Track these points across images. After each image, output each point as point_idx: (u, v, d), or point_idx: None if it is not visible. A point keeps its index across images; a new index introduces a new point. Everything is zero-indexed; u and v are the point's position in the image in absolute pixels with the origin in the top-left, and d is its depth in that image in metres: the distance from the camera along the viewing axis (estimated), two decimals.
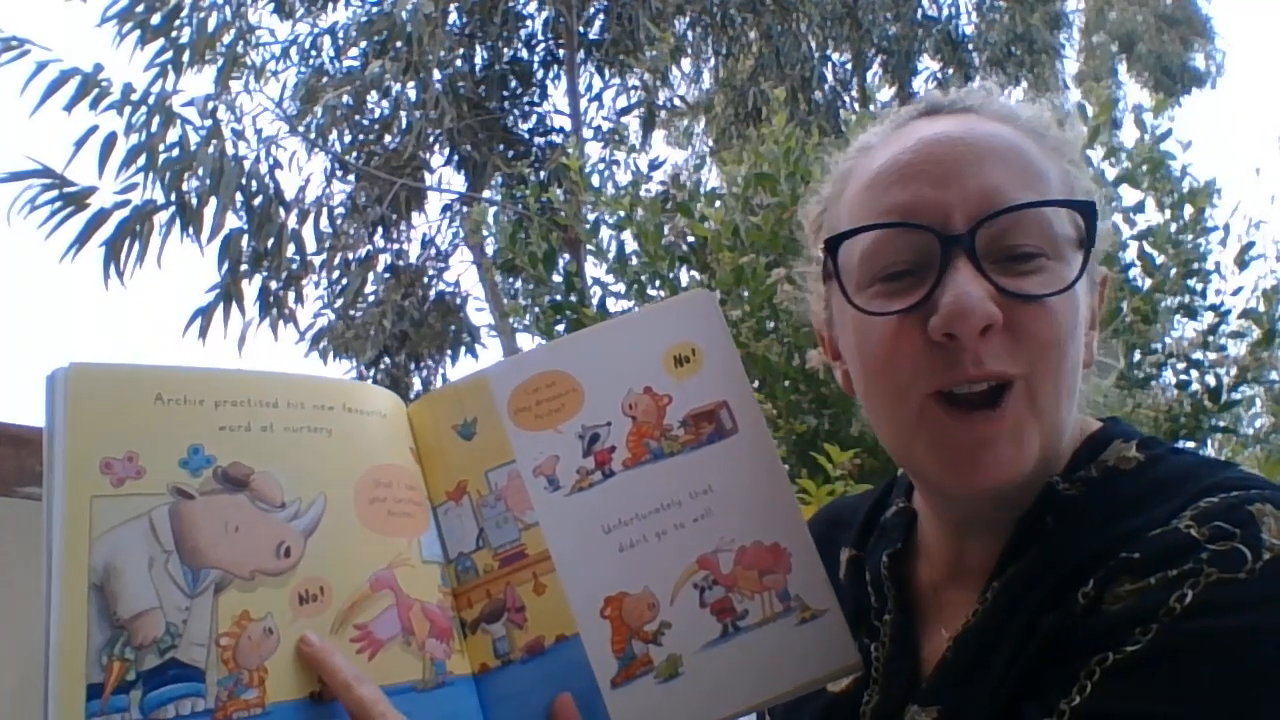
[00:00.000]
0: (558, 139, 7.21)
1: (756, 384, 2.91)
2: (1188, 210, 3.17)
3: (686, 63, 8.57)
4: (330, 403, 0.75)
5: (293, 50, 7.03)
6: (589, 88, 7.38)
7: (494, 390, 0.81)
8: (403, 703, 0.67)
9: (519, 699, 0.74)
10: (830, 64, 8.47)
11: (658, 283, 3.42)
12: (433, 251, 7.54)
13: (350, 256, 7.04)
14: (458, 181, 7.42)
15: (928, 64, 8.66)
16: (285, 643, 0.66)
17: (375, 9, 7.00)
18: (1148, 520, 0.64)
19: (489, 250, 6.52)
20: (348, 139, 7.11)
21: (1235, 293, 3.30)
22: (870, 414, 0.77)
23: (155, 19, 5.76)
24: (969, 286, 0.66)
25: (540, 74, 7.55)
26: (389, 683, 0.68)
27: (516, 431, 0.79)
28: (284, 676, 0.66)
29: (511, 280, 6.78)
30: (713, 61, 8.62)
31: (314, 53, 7.09)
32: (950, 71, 8.37)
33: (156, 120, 5.37)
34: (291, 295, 6.53)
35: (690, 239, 3.42)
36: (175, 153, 5.48)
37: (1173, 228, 3.18)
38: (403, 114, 6.92)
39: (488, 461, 0.79)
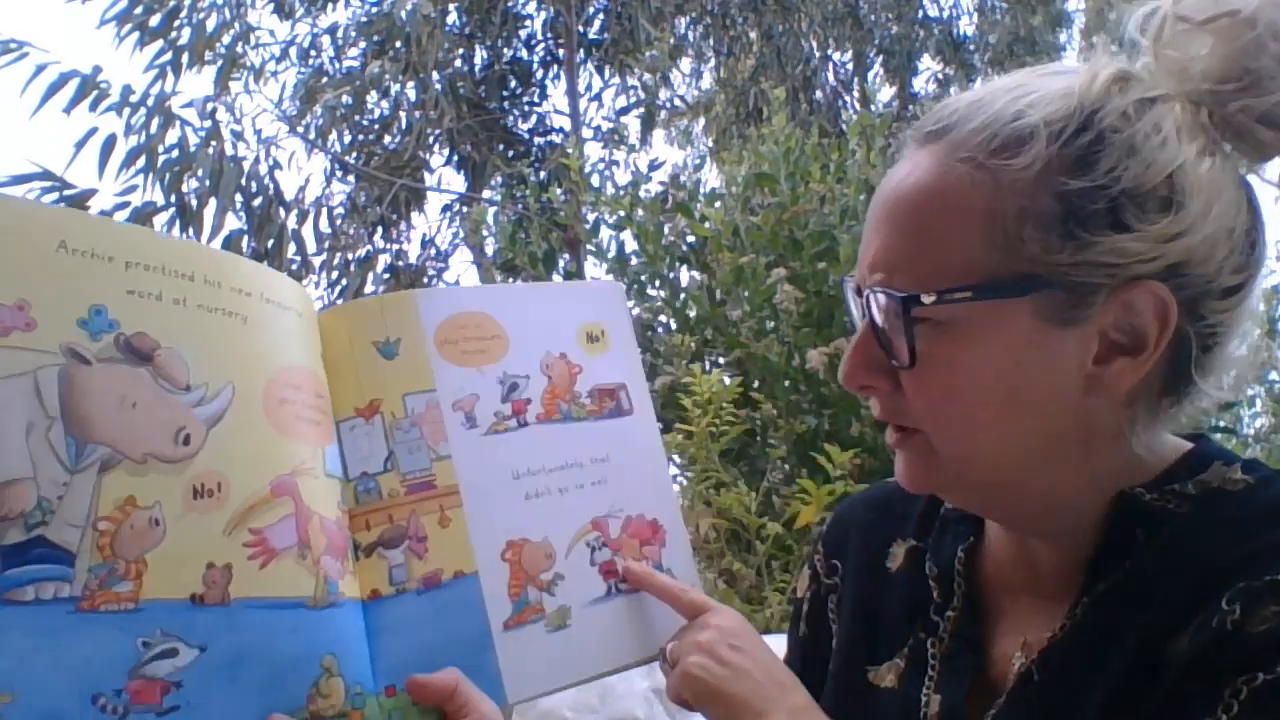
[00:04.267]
0: (558, 139, 7.21)
1: (756, 384, 2.91)
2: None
3: (686, 63, 8.56)
4: (248, 288, 0.69)
5: (292, 51, 7.02)
6: (589, 88, 7.38)
7: (422, 316, 0.79)
8: (291, 618, 0.64)
9: (407, 630, 0.72)
10: (831, 64, 8.46)
11: (658, 283, 3.42)
12: (433, 251, 7.52)
13: (350, 256, 7.03)
14: (458, 181, 7.41)
15: (929, 64, 8.65)
16: (172, 536, 0.60)
17: (375, 9, 6.99)
18: None
19: (489, 250, 6.51)
20: (347, 139, 7.10)
21: None
22: None
23: (154, 20, 5.75)
24: (853, 350, 0.72)
25: (540, 74, 7.54)
26: (279, 595, 0.64)
27: (441, 362, 0.79)
28: (165, 573, 0.59)
29: (511, 280, 6.77)
30: (713, 61, 8.61)
31: (313, 53, 7.08)
32: (951, 72, 8.37)
33: (156, 122, 5.37)
34: None
35: (690, 239, 3.41)
36: (175, 154, 5.47)
37: None
38: (402, 114, 6.91)
39: (407, 385, 0.77)
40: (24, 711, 0.53)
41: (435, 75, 6.70)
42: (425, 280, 7.37)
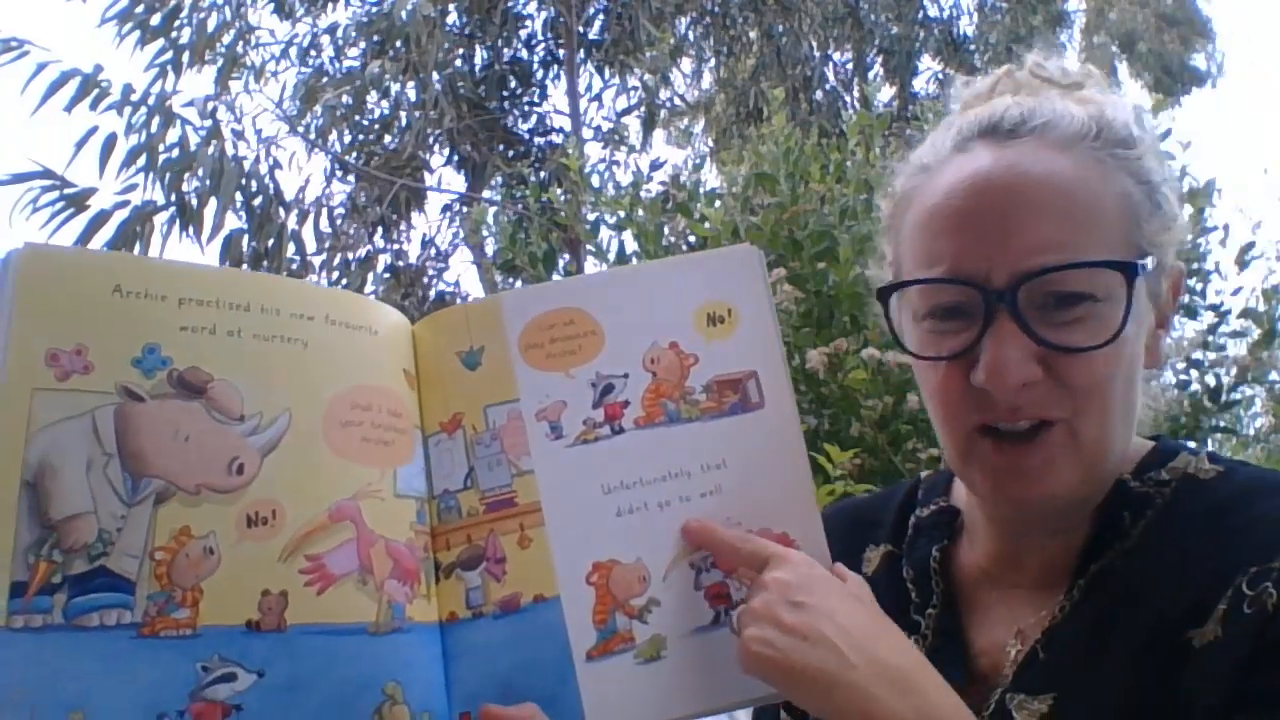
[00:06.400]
0: (558, 139, 7.21)
1: None
2: (1187, 210, 3.17)
3: (686, 63, 8.56)
4: (310, 312, 0.69)
5: (292, 50, 7.02)
6: (589, 88, 7.38)
7: (506, 319, 0.74)
8: (351, 645, 0.63)
9: (484, 655, 0.68)
10: (831, 64, 8.46)
11: None
12: (433, 252, 7.53)
13: (350, 257, 7.03)
14: (458, 182, 7.41)
15: (929, 64, 8.66)
16: (226, 564, 0.62)
17: (375, 9, 6.99)
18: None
19: (489, 250, 6.52)
20: (347, 139, 7.10)
21: (1235, 293, 3.30)
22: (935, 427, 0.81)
23: (155, 19, 5.75)
24: (1006, 348, 0.69)
25: (540, 74, 7.54)
26: (337, 620, 0.63)
27: (524, 368, 0.73)
28: (220, 600, 0.61)
29: (511, 280, 6.76)
30: (713, 61, 8.61)
31: (314, 53, 7.08)
32: (951, 72, 8.36)
33: (156, 121, 5.36)
34: None
35: (691, 239, 3.41)
36: (175, 153, 5.47)
37: None
38: (402, 114, 6.92)
39: (489, 396, 0.73)
40: None
41: (435, 75, 6.70)
42: (425, 280, 7.38)
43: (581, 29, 7.19)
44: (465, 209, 7.17)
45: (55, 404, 0.60)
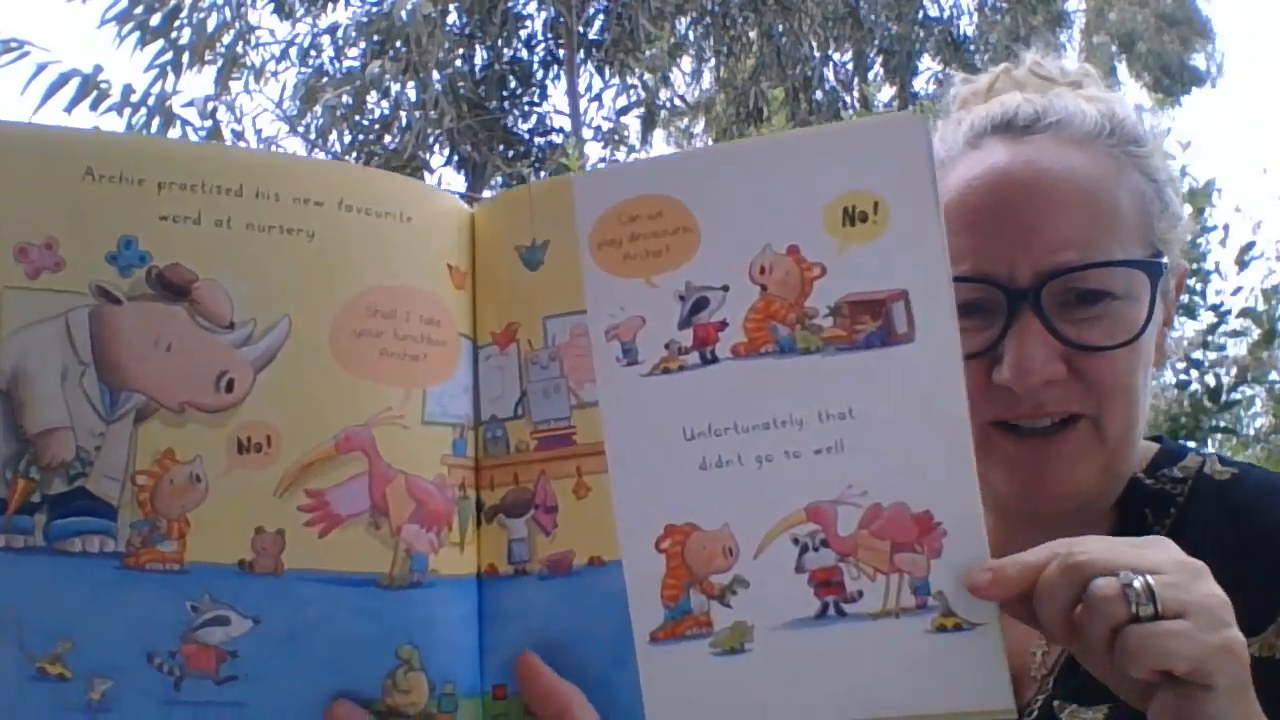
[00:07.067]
0: (558, 139, 7.21)
1: None
2: (1187, 210, 3.17)
3: (686, 62, 8.57)
4: (318, 196, 0.58)
5: (292, 51, 7.03)
6: (589, 88, 7.39)
7: (577, 207, 0.59)
8: (358, 598, 0.54)
9: (523, 622, 0.57)
10: (831, 64, 8.46)
11: None
12: None
13: None
14: (458, 181, 7.41)
15: (929, 64, 8.66)
16: (215, 495, 0.54)
17: (375, 9, 6.99)
18: None
19: None
20: (348, 139, 7.10)
21: (1235, 293, 3.30)
22: None
23: (155, 20, 5.76)
24: (1031, 347, 0.67)
25: (540, 74, 7.55)
26: (341, 569, 0.55)
27: (595, 272, 0.59)
28: (209, 535, 0.54)
29: None
30: (713, 61, 8.61)
31: (314, 53, 7.09)
32: (951, 72, 8.37)
33: (157, 121, 5.37)
34: None
35: None
36: None
37: None
38: (403, 114, 6.92)
39: (550, 305, 0.59)
40: (84, 660, 0.53)
41: (435, 75, 6.70)
42: None
43: (581, 29, 7.20)
44: None
45: (27, 304, 0.54)
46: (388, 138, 7.08)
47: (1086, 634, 0.51)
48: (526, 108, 7.57)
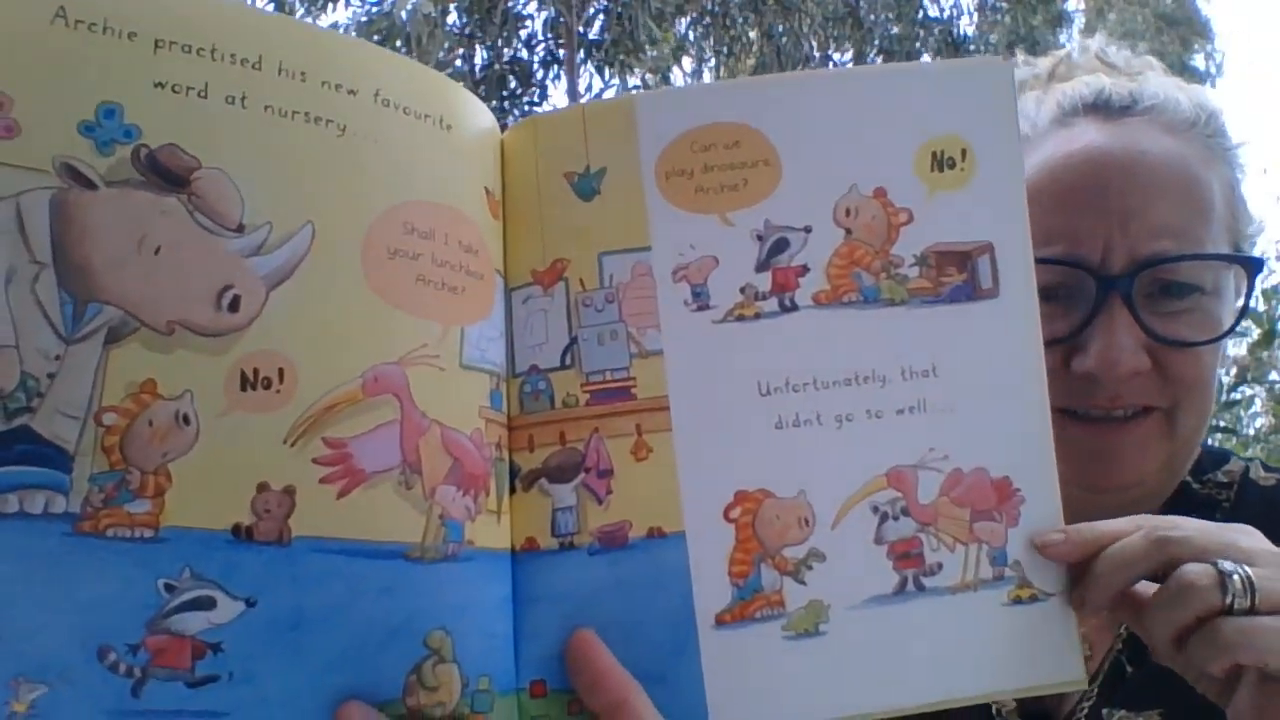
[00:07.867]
0: None
1: None
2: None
3: (687, 62, 8.57)
4: (353, 84, 0.47)
5: None
6: (589, 88, 7.38)
7: (641, 132, 0.53)
8: (384, 573, 0.45)
9: (570, 604, 0.50)
10: (831, 64, 8.47)
11: None
12: None
13: None
14: None
15: None
16: (208, 442, 0.42)
17: (375, 9, 7.00)
18: None
19: None
20: None
21: None
22: None
23: None
24: (1121, 336, 0.65)
25: (540, 74, 7.55)
26: (365, 538, 0.44)
27: (661, 205, 0.53)
28: (196, 492, 0.42)
29: None
30: (713, 61, 8.62)
31: None
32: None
33: None
34: None
35: None
36: None
37: None
38: None
39: (608, 240, 0.53)
40: (14, 658, 0.39)
41: None
42: None
43: (581, 29, 7.20)
44: None
45: None
46: None
47: (1163, 618, 0.49)
48: (527, 107, 7.58)
